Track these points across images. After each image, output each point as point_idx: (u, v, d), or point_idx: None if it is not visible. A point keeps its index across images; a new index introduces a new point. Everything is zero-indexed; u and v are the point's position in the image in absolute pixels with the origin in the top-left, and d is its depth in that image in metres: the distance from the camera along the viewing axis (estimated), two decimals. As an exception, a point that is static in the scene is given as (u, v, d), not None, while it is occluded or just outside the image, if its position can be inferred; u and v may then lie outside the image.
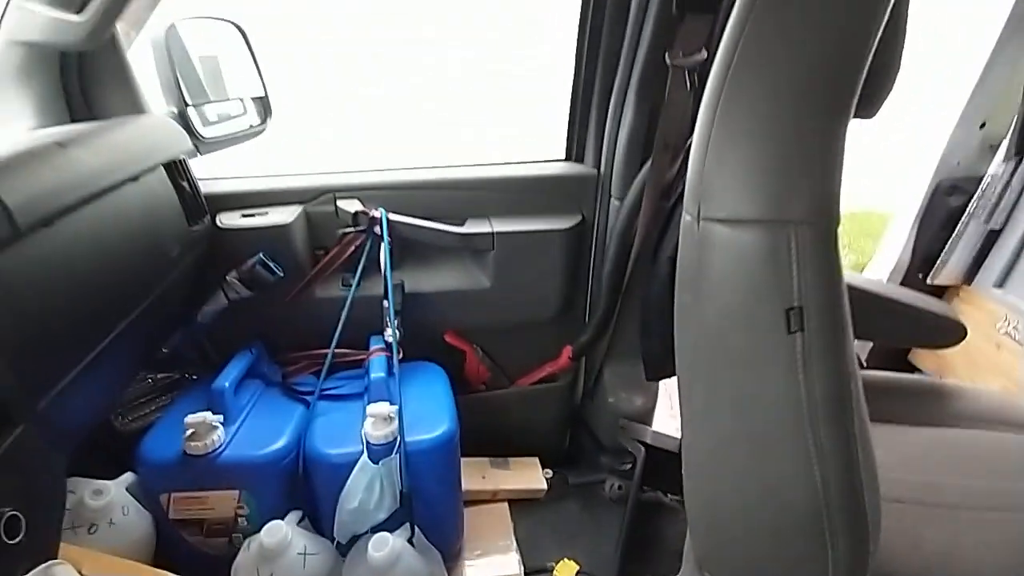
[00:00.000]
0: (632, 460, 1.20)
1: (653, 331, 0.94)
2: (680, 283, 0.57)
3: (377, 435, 0.86)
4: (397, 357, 0.99)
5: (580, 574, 1.05)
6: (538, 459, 1.28)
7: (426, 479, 0.90)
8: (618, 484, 1.24)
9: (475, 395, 1.21)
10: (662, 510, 1.20)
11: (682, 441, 0.64)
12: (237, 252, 0.98)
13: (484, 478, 1.20)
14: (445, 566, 0.96)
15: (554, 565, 1.06)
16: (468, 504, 1.09)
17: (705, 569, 0.66)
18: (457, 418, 0.95)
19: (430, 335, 1.13)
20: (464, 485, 1.03)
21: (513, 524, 1.13)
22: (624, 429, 1.23)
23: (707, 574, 0.65)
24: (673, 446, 1.15)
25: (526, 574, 1.04)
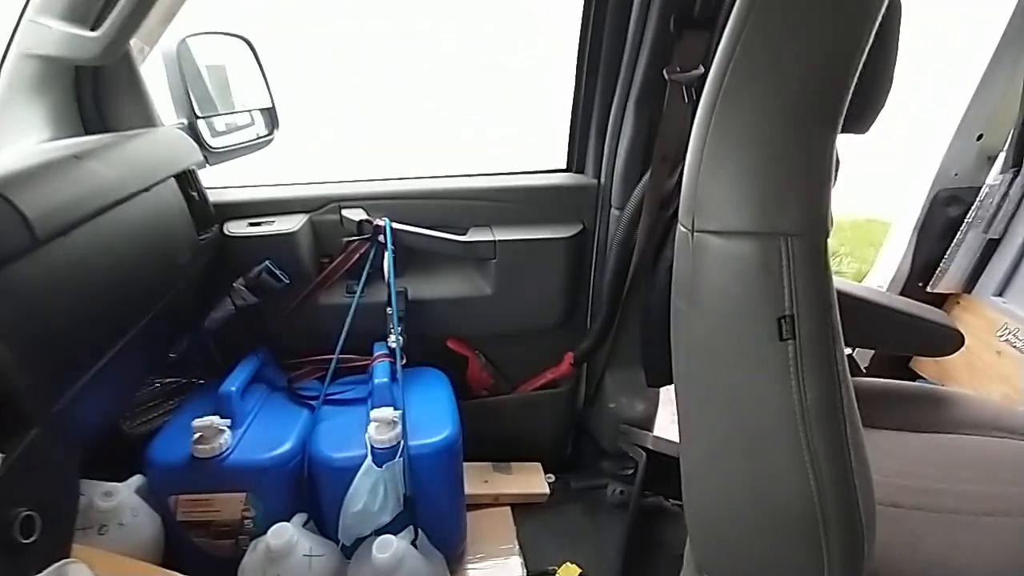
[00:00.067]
0: (634, 465, 1.21)
1: (653, 338, 0.95)
2: (675, 292, 0.58)
3: (381, 439, 0.87)
4: (400, 363, 1.00)
5: (581, 578, 1.06)
6: (540, 464, 1.29)
7: (429, 483, 0.91)
8: (620, 489, 1.24)
9: (477, 400, 1.22)
10: (664, 515, 1.20)
11: (680, 446, 0.65)
12: (244, 260, 1.00)
13: (486, 482, 1.21)
14: (448, 569, 0.97)
15: (556, 569, 1.07)
16: (471, 508, 1.10)
17: (705, 571, 0.67)
18: (459, 423, 0.97)
19: (433, 341, 1.15)
20: (467, 489, 1.04)
21: (516, 528, 1.14)
22: (625, 435, 1.24)
23: None
24: (674, 451, 1.15)
25: (528, 578, 1.05)
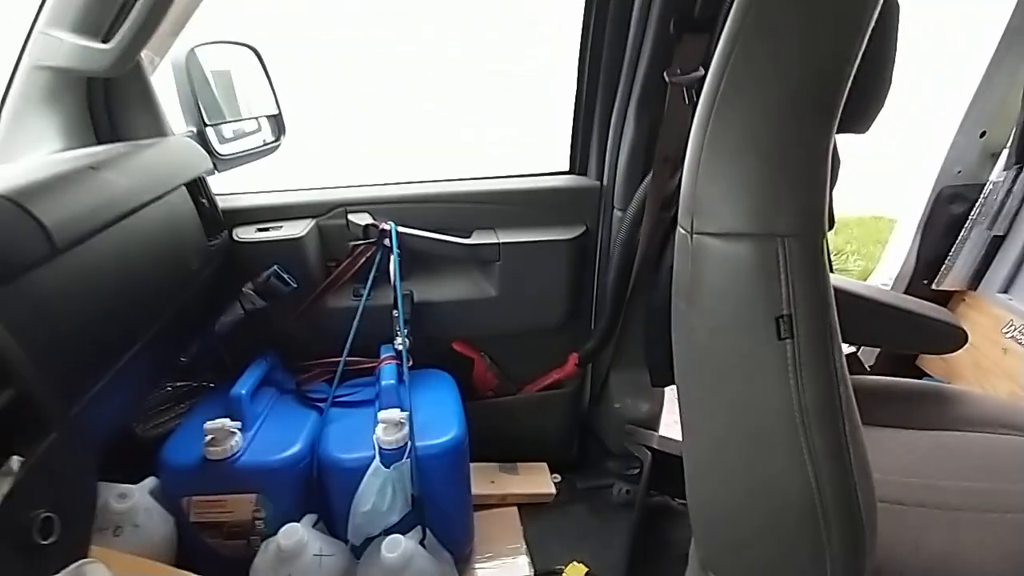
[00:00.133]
0: (639, 465, 1.22)
1: (657, 338, 0.95)
2: (676, 293, 0.59)
3: (388, 440, 0.89)
4: (407, 365, 1.02)
5: (588, 576, 1.07)
6: (546, 464, 1.30)
7: (436, 483, 0.93)
8: (625, 488, 1.25)
9: (483, 401, 1.23)
10: (669, 514, 1.21)
11: (683, 444, 0.66)
12: (253, 264, 1.01)
13: (493, 483, 1.23)
14: (456, 568, 0.99)
15: (563, 568, 1.08)
16: (478, 508, 1.12)
17: (709, 569, 0.67)
18: (466, 424, 0.98)
19: (439, 343, 1.16)
20: (474, 490, 1.05)
21: (522, 528, 1.15)
22: (631, 434, 1.24)
23: (711, 574, 0.66)
24: (679, 451, 1.16)
25: (535, 576, 1.06)
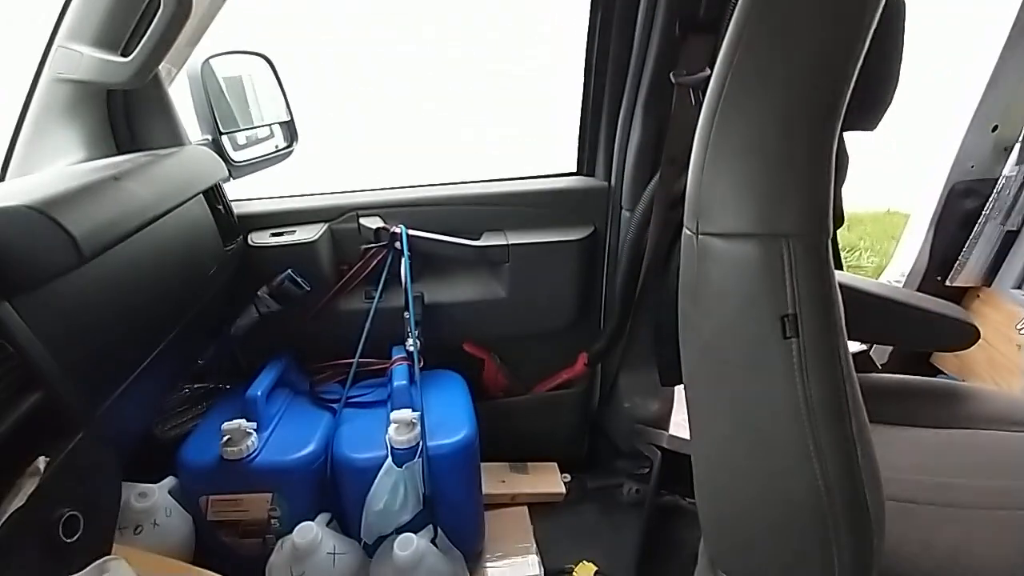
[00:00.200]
0: (649, 464, 1.22)
1: (666, 337, 0.95)
2: (682, 293, 0.60)
3: (401, 440, 0.90)
4: (418, 366, 1.03)
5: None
6: (556, 464, 1.30)
7: (447, 482, 0.94)
8: (635, 488, 1.25)
9: (493, 401, 1.24)
10: (679, 513, 1.21)
11: (691, 444, 0.66)
12: (267, 268, 1.03)
13: (504, 482, 1.23)
14: (467, 567, 1.00)
15: (573, 567, 1.08)
16: (488, 508, 1.12)
17: (718, 567, 0.68)
18: (476, 424, 0.99)
19: (449, 344, 1.17)
20: (484, 489, 1.06)
21: (532, 527, 1.15)
22: (640, 434, 1.25)
23: (720, 572, 0.67)
24: (688, 450, 1.16)
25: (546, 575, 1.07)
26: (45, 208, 0.55)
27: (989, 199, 1.37)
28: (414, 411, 0.93)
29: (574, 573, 1.08)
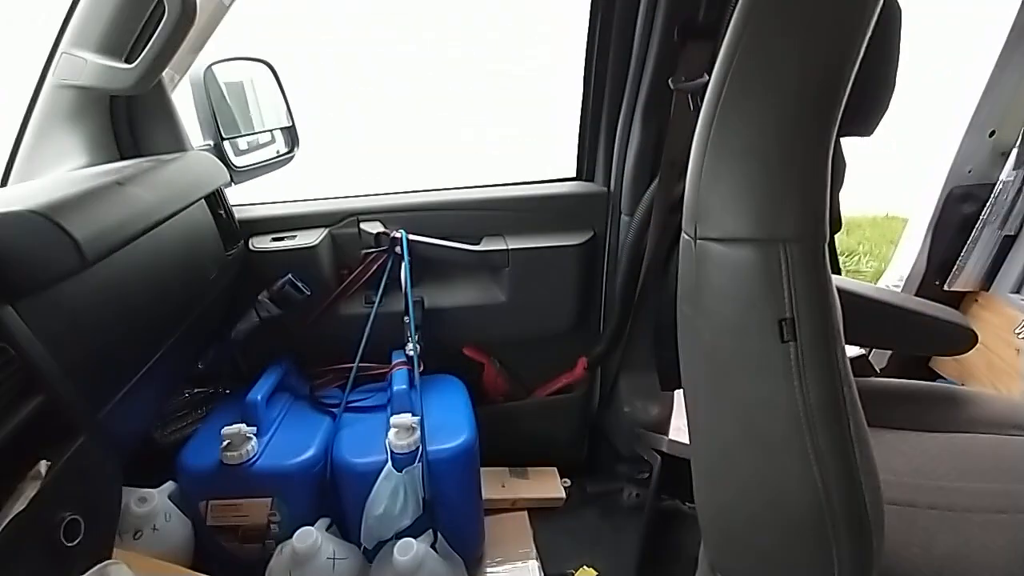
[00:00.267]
0: (649, 468, 1.22)
1: (666, 341, 0.96)
2: (681, 297, 0.60)
3: (400, 444, 0.90)
4: (418, 370, 1.03)
5: (598, 580, 1.08)
6: (556, 468, 1.30)
7: (447, 487, 0.94)
8: (635, 492, 1.25)
9: (493, 406, 1.24)
10: (680, 517, 1.21)
11: (690, 447, 0.66)
12: (268, 273, 1.04)
13: (504, 487, 1.23)
14: (467, 572, 0.99)
15: (574, 572, 1.08)
16: (489, 512, 1.12)
17: (718, 571, 0.68)
18: (476, 428, 0.99)
19: (449, 349, 1.17)
20: (484, 494, 1.06)
21: (533, 532, 1.15)
22: (640, 438, 1.25)
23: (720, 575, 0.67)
24: (688, 454, 1.16)
25: (546, 581, 1.07)
26: (48, 212, 0.56)
27: (987, 203, 1.38)
28: (414, 415, 0.94)
29: (574, 578, 1.08)
